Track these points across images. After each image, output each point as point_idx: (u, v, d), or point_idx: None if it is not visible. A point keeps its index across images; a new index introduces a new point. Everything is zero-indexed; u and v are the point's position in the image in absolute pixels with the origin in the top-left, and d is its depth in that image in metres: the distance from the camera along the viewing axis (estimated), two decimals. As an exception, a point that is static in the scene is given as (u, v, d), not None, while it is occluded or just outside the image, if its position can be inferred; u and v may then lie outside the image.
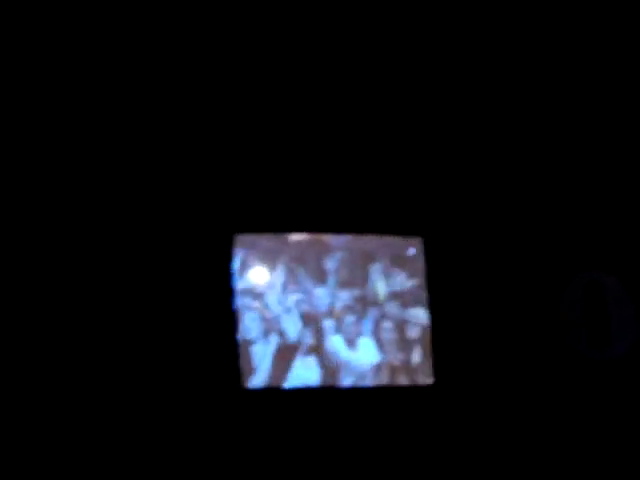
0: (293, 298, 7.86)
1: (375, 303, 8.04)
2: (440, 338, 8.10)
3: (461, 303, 8.13)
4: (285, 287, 7.86)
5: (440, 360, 8.09)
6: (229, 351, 7.65)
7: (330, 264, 7.99)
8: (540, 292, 8.17)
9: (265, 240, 7.91)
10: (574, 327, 8.16)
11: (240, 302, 7.71)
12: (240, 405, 7.57)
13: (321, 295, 7.91)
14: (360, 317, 7.97)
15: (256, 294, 7.79)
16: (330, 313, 7.89)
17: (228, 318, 7.71)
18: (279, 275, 7.87)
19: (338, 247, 8.06)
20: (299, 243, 7.99)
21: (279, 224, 7.91)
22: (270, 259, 7.90)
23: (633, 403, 8.03)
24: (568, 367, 8.10)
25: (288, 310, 7.81)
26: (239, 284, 7.75)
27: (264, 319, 7.75)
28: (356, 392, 7.83)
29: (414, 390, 7.95)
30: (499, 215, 8.24)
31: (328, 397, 7.74)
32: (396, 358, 8.02)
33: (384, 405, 7.83)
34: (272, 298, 7.82)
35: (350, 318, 7.94)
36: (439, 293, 8.14)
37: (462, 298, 8.14)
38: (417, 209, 8.22)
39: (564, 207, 8.26)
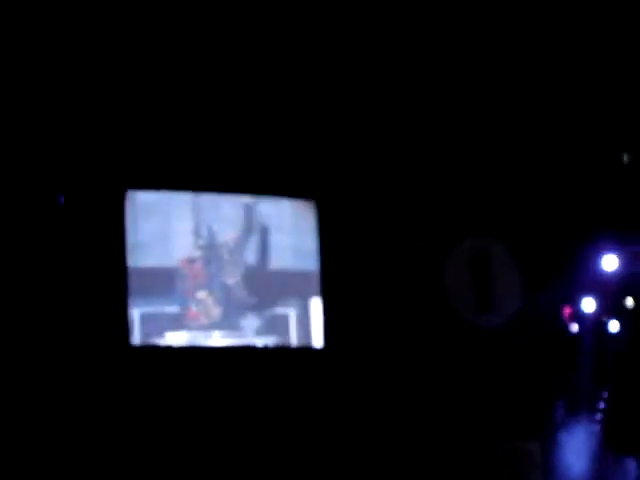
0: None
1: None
2: (329, 302, 8.19)
3: (351, 267, 8.22)
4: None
5: (330, 324, 8.19)
6: (118, 309, 7.66)
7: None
8: (427, 258, 8.26)
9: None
10: (459, 293, 8.22)
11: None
12: (123, 360, 7.57)
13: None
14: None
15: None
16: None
17: (120, 277, 7.72)
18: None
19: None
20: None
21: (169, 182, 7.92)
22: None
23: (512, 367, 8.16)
24: (452, 332, 8.19)
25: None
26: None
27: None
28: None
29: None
30: (390, 181, 8.32)
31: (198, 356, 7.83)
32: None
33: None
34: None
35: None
36: (330, 256, 8.23)
37: (352, 262, 8.23)
38: (311, 173, 8.26)
39: (452, 175, 8.33)
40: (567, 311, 8.28)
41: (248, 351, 7.98)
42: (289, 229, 8.27)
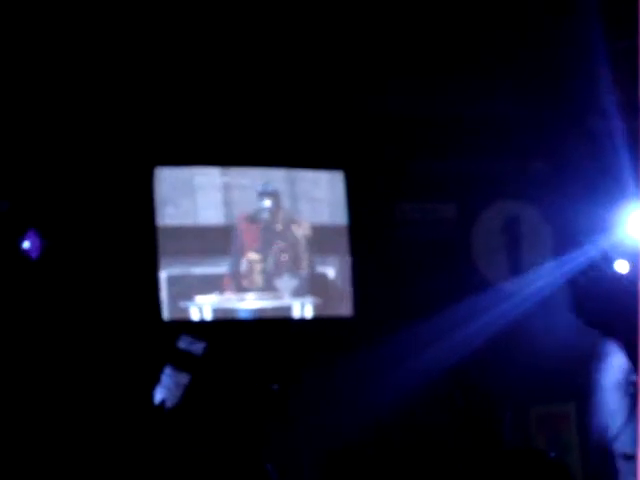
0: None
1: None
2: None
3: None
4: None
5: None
6: (149, 285, 7.77)
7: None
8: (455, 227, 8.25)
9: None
10: (489, 259, 8.17)
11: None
12: (158, 335, 7.67)
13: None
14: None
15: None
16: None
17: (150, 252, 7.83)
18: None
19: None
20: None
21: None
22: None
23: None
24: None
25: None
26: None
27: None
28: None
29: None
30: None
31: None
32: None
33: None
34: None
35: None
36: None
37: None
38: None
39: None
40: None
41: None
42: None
